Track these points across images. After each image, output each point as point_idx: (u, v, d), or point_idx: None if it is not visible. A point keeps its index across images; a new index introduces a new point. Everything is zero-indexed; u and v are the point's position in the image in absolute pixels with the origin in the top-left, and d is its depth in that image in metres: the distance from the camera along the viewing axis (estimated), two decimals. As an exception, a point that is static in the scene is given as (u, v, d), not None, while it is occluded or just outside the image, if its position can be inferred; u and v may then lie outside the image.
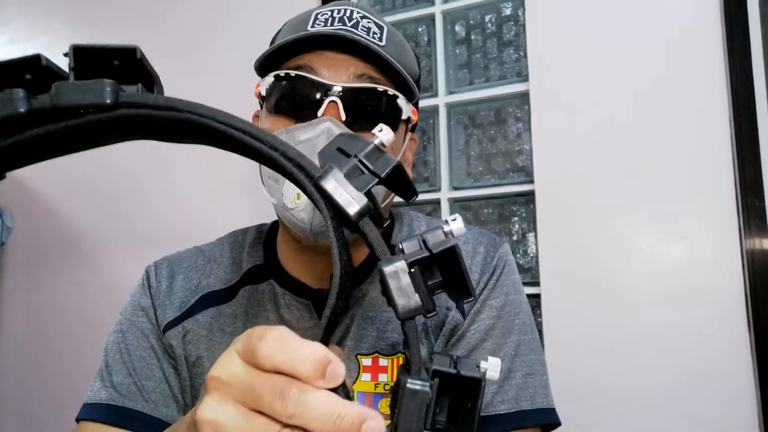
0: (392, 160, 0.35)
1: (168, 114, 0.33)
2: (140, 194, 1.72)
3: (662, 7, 1.25)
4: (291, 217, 0.64)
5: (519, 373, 0.67)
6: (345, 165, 0.34)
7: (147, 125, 0.34)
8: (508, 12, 1.46)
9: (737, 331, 1.13)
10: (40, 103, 0.31)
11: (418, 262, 0.33)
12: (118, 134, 0.35)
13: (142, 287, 0.76)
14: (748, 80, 1.16)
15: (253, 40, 1.69)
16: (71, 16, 1.89)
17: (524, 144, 1.41)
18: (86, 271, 1.77)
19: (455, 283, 0.34)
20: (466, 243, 0.74)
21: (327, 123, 0.62)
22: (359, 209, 0.33)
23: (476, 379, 0.33)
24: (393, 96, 0.66)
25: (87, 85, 0.31)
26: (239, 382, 0.32)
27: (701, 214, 1.18)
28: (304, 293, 0.71)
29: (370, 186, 0.34)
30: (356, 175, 0.34)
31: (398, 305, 0.32)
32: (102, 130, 0.33)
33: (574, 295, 1.25)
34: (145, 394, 0.69)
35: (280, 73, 0.66)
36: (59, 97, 0.31)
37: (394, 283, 0.32)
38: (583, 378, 1.21)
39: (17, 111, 0.31)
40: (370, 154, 0.35)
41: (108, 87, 0.31)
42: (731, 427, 1.11)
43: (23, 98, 0.31)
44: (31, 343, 1.81)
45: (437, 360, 0.34)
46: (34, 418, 1.77)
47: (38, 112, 0.31)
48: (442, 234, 0.34)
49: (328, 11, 0.68)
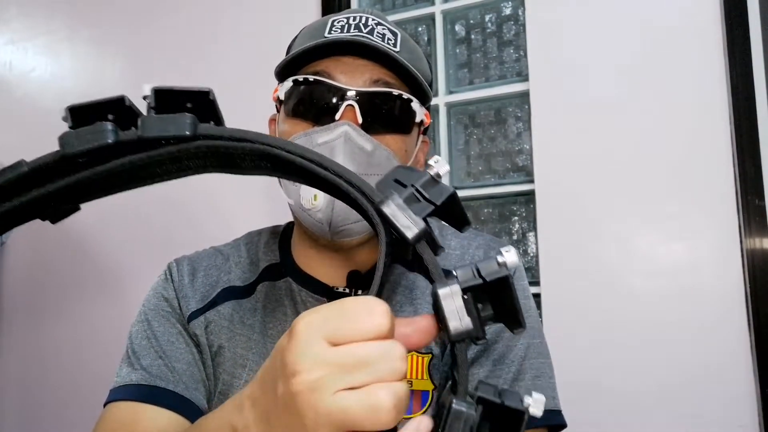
0: (448, 190, 0.37)
1: (242, 145, 0.35)
2: (144, 195, 1.72)
3: (662, 7, 1.25)
4: (308, 217, 0.67)
5: (528, 375, 0.69)
6: (403, 193, 0.36)
7: (221, 157, 0.36)
8: (508, 12, 1.46)
9: (737, 331, 1.13)
10: (126, 136, 0.34)
11: (471, 288, 0.34)
12: (193, 166, 0.38)
13: (165, 281, 0.77)
14: (748, 79, 1.16)
15: (253, 40, 1.69)
16: (71, 16, 1.89)
17: (524, 144, 1.41)
18: (87, 270, 1.77)
19: (506, 313, 0.35)
20: (478, 248, 0.76)
21: (345, 126, 0.64)
22: (417, 233, 0.35)
23: (519, 412, 0.34)
24: (407, 100, 0.69)
25: (170, 117, 0.35)
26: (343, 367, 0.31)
27: (701, 214, 1.18)
28: (319, 290, 0.73)
29: (427, 213, 0.35)
30: (413, 202, 0.36)
31: (450, 327, 0.33)
32: (180, 162, 0.36)
33: (574, 295, 1.25)
34: (177, 376, 0.70)
35: (299, 78, 0.68)
36: (144, 128, 0.34)
37: (448, 304, 0.33)
38: (583, 377, 1.21)
39: (106, 141, 0.34)
40: (426, 184, 0.37)
41: (188, 120, 0.35)
42: (731, 427, 1.11)
43: (112, 130, 0.34)
44: (31, 344, 1.81)
45: (482, 388, 0.34)
46: (34, 417, 1.77)
47: (124, 144, 0.34)
48: (495, 264, 0.35)
49: (344, 18, 0.70)
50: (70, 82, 1.86)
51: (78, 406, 1.69)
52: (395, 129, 0.69)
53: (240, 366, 0.71)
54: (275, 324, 0.73)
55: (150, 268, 0.88)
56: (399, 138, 0.70)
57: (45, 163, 0.34)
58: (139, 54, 1.78)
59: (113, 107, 0.35)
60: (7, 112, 1.94)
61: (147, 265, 0.79)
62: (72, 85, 1.85)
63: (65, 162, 0.34)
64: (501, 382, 0.68)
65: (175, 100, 0.35)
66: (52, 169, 0.35)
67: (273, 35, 1.63)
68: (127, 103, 0.35)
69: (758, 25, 1.16)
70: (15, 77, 1.94)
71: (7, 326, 1.86)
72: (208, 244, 0.84)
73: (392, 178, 0.38)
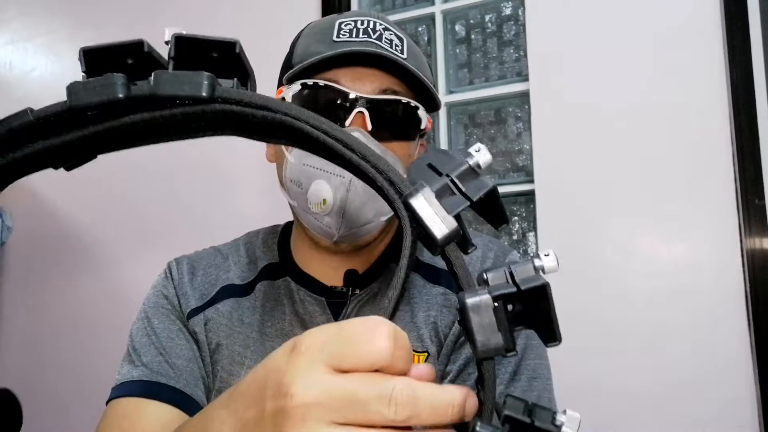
0: (487, 184, 0.32)
1: (262, 113, 0.33)
2: (142, 194, 1.72)
3: (662, 7, 1.25)
4: (314, 221, 0.68)
5: (524, 376, 0.69)
6: (436, 183, 0.32)
7: (239, 122, 0.34)
8: (508, 12, 1.46)
9: (737, 331, 1.13)
10: (139, 90, 0.31)
11: (503, 296, 0.30)
12: (210, 128, 0.35)
13: (165, 279, 0.78)
14: (748, 79, 1.16)
15: (253, 40, 1.69)
16: (71, 16, 1.89)
17: (524, 144, 1.41)
18: (87, 270, 1.77)
19: (540, 324, 0.31)
20: (476, 249, 0.75)
21: (356, 133, 0.64)
22: (447, 233, 0.31)
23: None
24: (415, 107, 0.70)
25: (186, 75, 0.32)
26: (336, 400, 0.29)
27: (701, 214, 1.18)
28: (318, 290, 0.74)
29: (461, 209, 0.32)
30: (447, 195, 0.32)
31: (478, 342, 0.30)
32: (195, 123, 0.34)
33: (574, 295, 1.25)
34: (177, 372, 0.71)
35: (308, 82, 0.68)
36: (158, 85, 0.31)
37: (476, 318, 0.29)
38: (583, 377, 1.21)
39: (116, 96, 0.31)
40: (463, 175, 0.32)
41: (206, 80, 0.32)
42: (731, 427, 1.11)
43: (123, 84, 0.31)
44: (31, 343, 1.81)
45: (510, 405, 0.31)
46: (34, 416, 1.77)
47: (136, 99, 0.31)
48: (532, 269, 0.31)
49: (352, 21, 0.70)
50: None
51: (78, 404, 1.69)
52: (402, 136, 0.71)
53: (238, 364, 0.72)
54: (273, 323, 0.73)
55: (150, 268, 0.88)
56: (404, 144, 0.71)
57: (53, 113, 0.32)
58: (139, 54, 1.78)
59: (132, 52, 0.32)
60: (7, 112, 1.92)
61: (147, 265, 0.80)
62: (72, 85, 1.85)
63: (73, 114, 0.32)
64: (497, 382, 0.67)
65: (197, 50, 0.32)
66: (59, 121, 0.33)
67: (273, 35, 1.63)
68: (146, 49, 0.32)
69: (758, 25, 1.16)
70: (15, 77, 1.94)
71: (7, 326, 1.86)
72: (207, 244, 0.84)
73: (427, 162, 0.33)
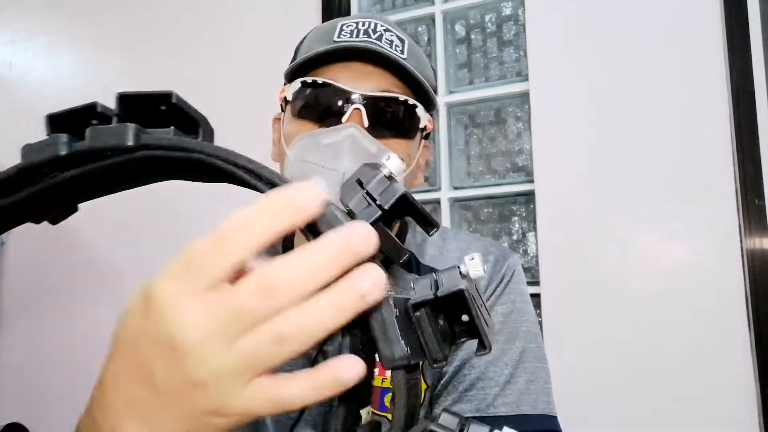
0: (397, 191, 0.33)
1: (178, 155, 0.35)
2: (140, 196, 1.72)
3: (662, 7, 1.25)
4: None
5: (522, 379, 0.68)
6: (351, 197, 0.33)
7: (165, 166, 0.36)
8: (508, 12, 1.46)
9: (737, 331, 1.13)
10: (80, 146, 0.35)
11: (421, 304, 0.30)
12: (143, 175, 0.38)
13: None
14: (748, 79, 1.16)
15: (253, 41, 1.69)
16: (71, 16, 1.89)
17: (524, 144, 1.41)
18: (86, 270, 1.77)
19: (471, 332, 0.31)
20: (475, 254, 0.75)
21: (351, 129, 0.65)
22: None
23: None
24: (413, 106, 0.70)
25: (115, 128, 0.34)
26: (222, 322, 0.27)
27: (701, 214, 1.18)
28: None
29: (374, 218, 0.32)
30: (363, 207, 0.33)
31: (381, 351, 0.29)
32: (126, 172, 0.36)
33: (574, 295, 1.25)
34: None
35: (307, 80, 0.69)
36: (92, 140, 0.34)
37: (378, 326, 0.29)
38: (583, 377, 1.21)
39: (59, 153, 0.34)
40: (377, 185, 0.34)
41: (130, 130, 0.34)
42: (731, 426, 1.11)
43: (65, 142, 0.35)
44: (32, 343, 1.81)
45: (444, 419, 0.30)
46: (33, 417, 1.77)
47: (78, 155, 0.35)
48: (457, 275, 0.31)
49: (354, 23, 0.71)
50: (70, 82, 1.86)
51: (78, 406, 1.68)
52: (399, 134, 0.71)
53: None
54: None
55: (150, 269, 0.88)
56: (403, 142, 0.71)
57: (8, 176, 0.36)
58: (138, 54, 1.78)
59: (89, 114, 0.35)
60: (7, 112, 1.94)
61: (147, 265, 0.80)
62: (72, 85, 1.85)
63: (26, 173, 0.35)
64: (492, 383, 0.67)
65: (139, 105, 0.35)
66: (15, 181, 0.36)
67: (274, 36, 1.63)
68: (99, 110, 0.35)
69: (758, 25, 1.17)
70: (15, 77, 1.94)
71: (6, 326, 1.86)
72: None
73: (356, 178, 0.35)
